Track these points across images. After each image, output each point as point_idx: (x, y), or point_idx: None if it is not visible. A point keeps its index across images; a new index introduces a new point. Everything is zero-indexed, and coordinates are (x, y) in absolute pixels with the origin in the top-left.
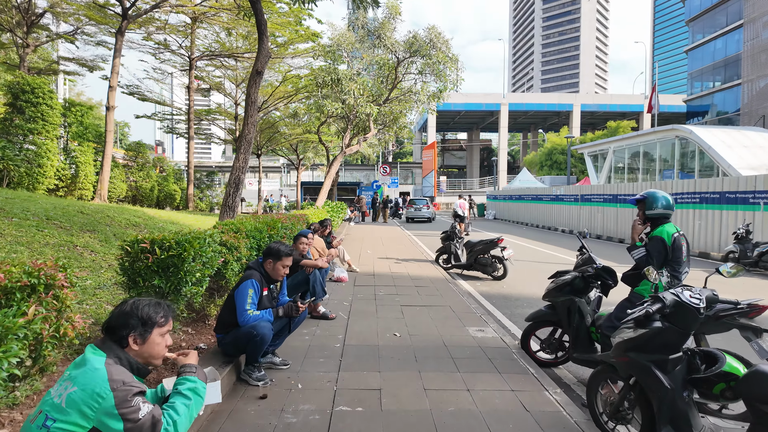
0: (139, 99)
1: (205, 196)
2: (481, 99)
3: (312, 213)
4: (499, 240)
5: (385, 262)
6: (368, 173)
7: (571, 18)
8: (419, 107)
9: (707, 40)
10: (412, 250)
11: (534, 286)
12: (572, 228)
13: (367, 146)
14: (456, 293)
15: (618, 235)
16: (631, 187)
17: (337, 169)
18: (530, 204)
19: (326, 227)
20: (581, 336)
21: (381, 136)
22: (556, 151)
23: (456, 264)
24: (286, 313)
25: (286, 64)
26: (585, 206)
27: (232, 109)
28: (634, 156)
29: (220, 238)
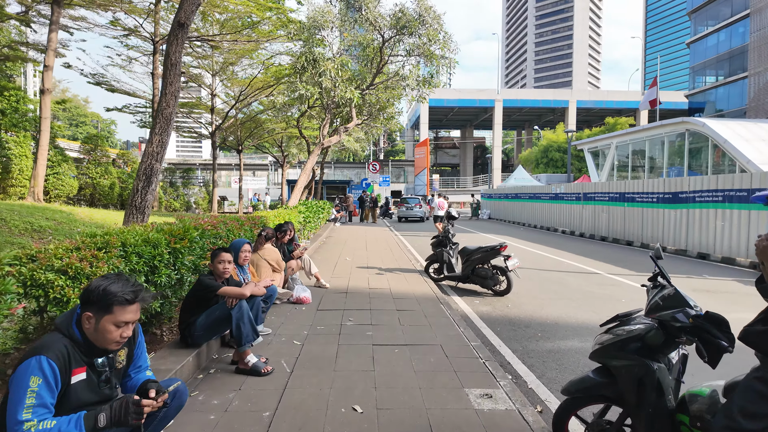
0: (107, 90)
1: (181, 195)
2: (474, 95)
3: (276, 215)
4: (502, 247)
5: (364, 273)
6: (359, 171)
7: (564, 16)
8: (409, 94)
9: (710, 32)
10: (399, 257)
11: (545, 304)
12: (574, 229)
13: (354, 141)
14: (449, 320)
15: (626, 237)
16: (640, 185)
17: (314, 164)
18: (527, 203)
19: (285, 233)
20: (658, 425)
21: (368, 129)
22: (552, 149)
23: (449, 275)
24: (116, 420)
25: (267, 51)
26: (588, 205)
27: (212, 102)
28: (639, 152)
29: (54, 264)
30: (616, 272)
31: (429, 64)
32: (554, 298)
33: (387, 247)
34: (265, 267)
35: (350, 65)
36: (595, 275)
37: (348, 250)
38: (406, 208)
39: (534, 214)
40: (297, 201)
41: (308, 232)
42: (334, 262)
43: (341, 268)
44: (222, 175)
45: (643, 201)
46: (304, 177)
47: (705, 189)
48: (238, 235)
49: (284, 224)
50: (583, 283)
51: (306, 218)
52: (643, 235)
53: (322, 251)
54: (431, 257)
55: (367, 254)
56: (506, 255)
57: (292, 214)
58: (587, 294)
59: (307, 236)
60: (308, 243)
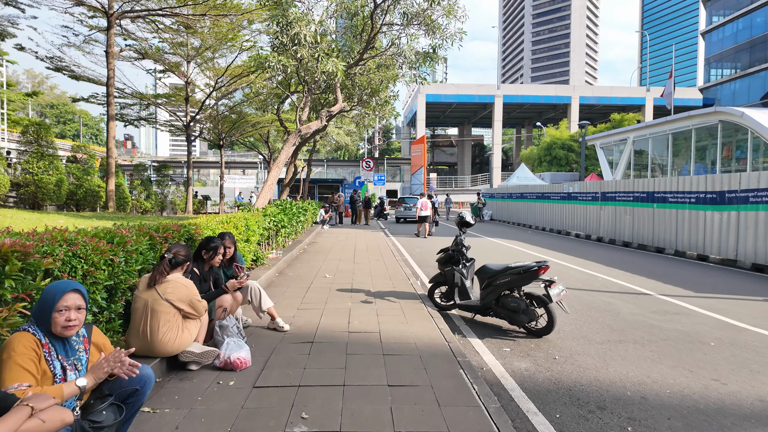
0: (70, 77)
1: (152, 194)
2: (474, 90)
3: (223, 221)
4: (542, 269)
5: (346, 299)
6: (353, 170)
7: (561, 15)
8: (406, 74)
9: (728, 20)
10: (395, 272)
11: (608, 352)
12: (590, 232)
13: (344, 134)
14: (477, 404)
15: (655, 243)
16: (674, 182)
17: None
18: (534, 203)
19: (214, 251)
20: None
21: (359, 120)
22: (556, 146)
23: (462, 303)
24: None
25: (249, 35)
26: (607, 206)
27: (187, 90)
28: (660, 146)
29: None
30: (669, 292)
31: (431, 35)
32: (615, 340)
33: (380, 258)
34: (166, 314)
35: (335, 36)
36: (645, 297)
37: (330, 263)
38: (404, 208)
39: (542, 215)
40: (266, 201)
41: (284, 239)
42: (309, 281)
43: (315, 294)
44: (210, 173)
45: (677, 201)
46: (276, 172)
47: (763, 188)
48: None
49: (214, 238)
50: (638, 310)
51: (278, 223)
52: (678, 241)
53: (297, 265)
54: (437, 278)
55: (353, 268)
56: (547, 279)
57: (251, 220)
58: (654, 331)
59: (283, 243)
60: (278, 255)
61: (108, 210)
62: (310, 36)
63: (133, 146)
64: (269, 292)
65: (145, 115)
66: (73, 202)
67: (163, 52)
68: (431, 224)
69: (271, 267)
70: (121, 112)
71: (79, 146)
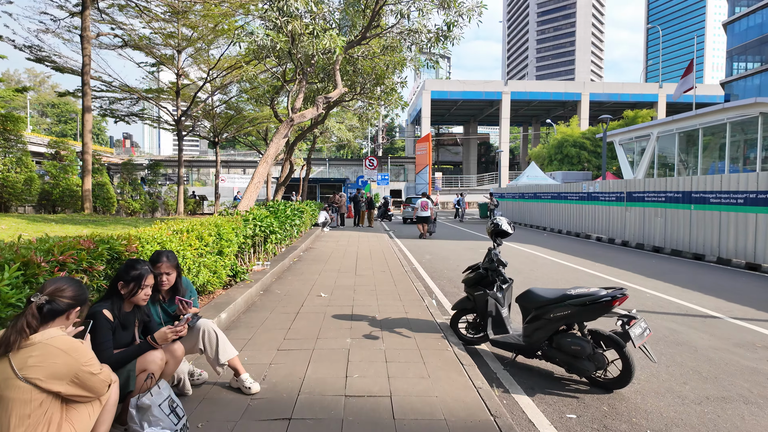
0: (53, 68)
1: (142, 194)
2: (480, 87)
3: (176, 232)
4: (617, 299)
5: (344, 333)
6: (356, 169)
7: (566, 13)
8: (415, 58)
9: (752, 10)
10: (405, 289)
11: (719, 425)
12: (613, 236)
13: (346, 129)
14: None
15: (693, 249)
16: (717, 181)
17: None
18: (550, 204)
19: (138, 284)
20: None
21: (362, 113)
22: (567, 144)
23: (499, 338)
24: None
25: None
26: (634, 207)
27: (177, 83)
28: (689, 143)
29: None
30: (739, 313)
31: (446, 9)
32: (716, 396)
33: (385, 267)
34: (25, 403)
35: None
36: (715, 321)
37: (328, 275)
38: (412, 208)
39: (559, 217)
40: (251, 202)
41: (274, 246)
42: (299, 302)
43: (305, 323)
44: (210, 173)
45: (721, 202)
46: (263, 168)
47: None
48: None
49: (137, 262)
50: (718, 343)
51: (266, 228)
52: (722, 247)
53: (287, 278)
54: (463, 303)
55: (355, 283)
56: (625, 314)
57: (225, 227)
58: (759, 378)
59: (273, 251)
60: (266, 266)
61: (83, 212)
62: (302, 3)
63: (132, 145)
64: (246, 319)
65: (137, 111)
66: (48, 203)
67: (150, 42)
68: (431, 224)
69: (254, 283)
70: (111, 107)
71: (57, 142)
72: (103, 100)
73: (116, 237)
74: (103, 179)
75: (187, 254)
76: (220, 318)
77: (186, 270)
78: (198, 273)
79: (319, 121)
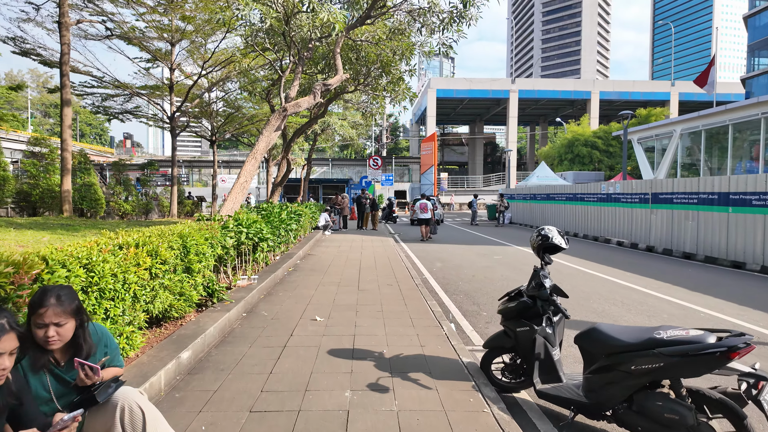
0: (40, 62)
1: (134, 194)
2: (487, 85)
3: (127, 243)
4: (737, 351)
5: (342, 380)
6: (360, 169)
7: (572, 12)
8: (426, 43)
9: None
10: (418, 307)
11: None
12: (637, 240)
13: (349, 126)
14: None
15: (730, 256)
16: (762, 180)
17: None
18: (564, 206)
19: None
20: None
21: (366, 107)
22: (578, 143)
23: (550, 390)
24: None
25: None
26: (660, 210)
27: (171, 77)
28: (717, 140)
29: None
30: None
31: None
32: None
33: (393, 280)
34: None
35: None
36: None
37: (325, 292)
38: None
39: (574, 219)
40: (237, 205)
41: (266, 255)
42: (288, 329)
43: (292, 361)
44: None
45: (766, 205)
46: (251, 165)
47: None
48: None
49: None
50: None
51: (256, 235)
52: (767, 255)
53: (278, 294)
54: (499, 340)
55: (357, 300)
56: (751, 372)
57: (194, 237)
58: None
59: (265, 260)
60: (253, 280)
61: (63, 214)
62: None
63: (132, 145)
64: (218, 357)
65: (131, 108)
66: (28, 205)
67: (143, 34)
68: (432, 226)
69: (235, 304)
70: (103, 104)
71: (38, 138)
72: (95, 97)
73: (4, 257)
74: (90, 179)
75: (131, 277)
76: (180, 359)
77: (129, 298)
78: (154, 298)
79: (319, 115)
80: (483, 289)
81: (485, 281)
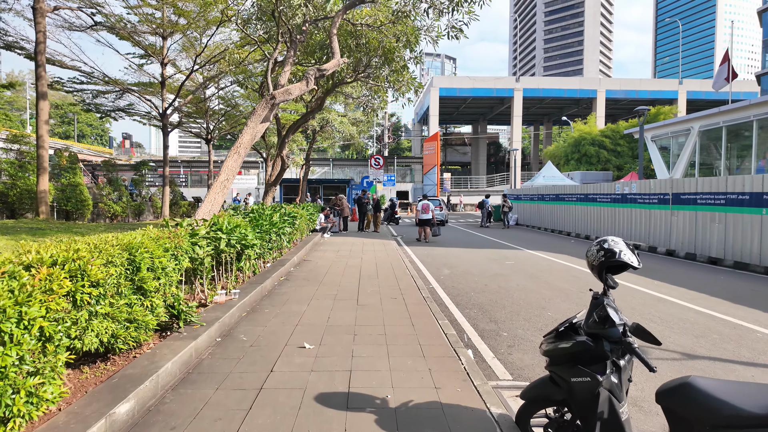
0: (24, 56)
1: (124, 195)
2: (491, 83)
3: (39, 261)
4: None
5: None
6: (361, 169)
7: (574, 12)
8: (433, 27)
9: None
10: (427, 332)
11: None
12: (655, 243)
13: (349, 123)
14: None
15: (764, 261)
16: None
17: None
18: (575, 207)
19: None
20: None
21: (367, 101)
22: (585, 142)
23: None
24: None
25: None
26: (683, 211)
27: (163, 72)
28: (738, 137)
29: None
30: None
31: None
32: None
33: (397, 293)
34: None
35: None
36: None
37: (318, 309)
38: None
39: (586, 221)
40: (216, 207)
41: (253, 263)
42: (266, 367)
43: (264, 421)
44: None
45: None
46: (233, 161)
47: None
48: None
49: None
50: None
51: (239, 241)
52: None
53: (262, 312)
54: (543, 389)
55: (355, 322)
56: None
57: (150, 249)
58: None
59: (253, 269)
60: (233, 295)
61: (39, 216)
62: None
63: (132, 145)
64: (171, 406)
65: (123, 106)
66: (5, 206)
67: (133, 26)
68: (435, 228)
69: (206, 327)
70: (94, 101)
71: (16, 135)
72: (86, 94)
73: None
74: (76, 179)
75: (34, 311)
76: (113, 417)
77: (31, 340)
78: (84, 332)
79: (316, 109)
80: (499, 301)
81: (500, 292)
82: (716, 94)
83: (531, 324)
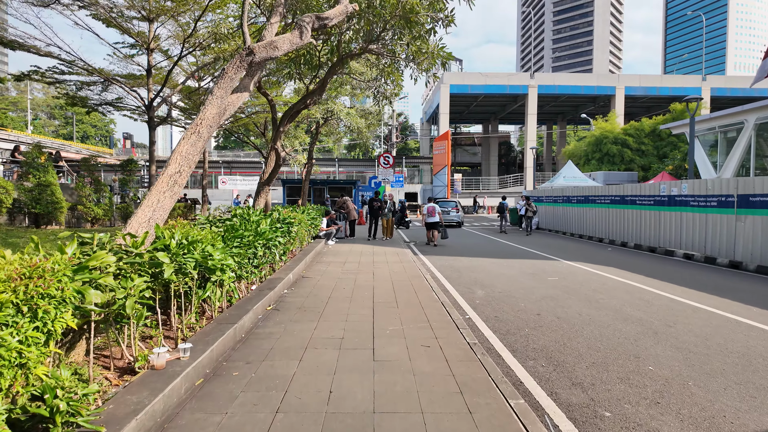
0: (6, 45)
1: (108, 196)
2: (504, 80)
3: None
4: None
5: None
6: (368, 170)
7: (583, 12)
8: None
9: None
10: (490, 420)
11: None
12: (714, 253)
13: (357, 115)
14: None
15: None
16: None
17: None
18: (608, 210)
19: None
20: None
21: (377, 88)
22: (607, 141)
23: None
24: None
25: None
26: (753, 216)
27: (149, 58)
28: None
29: None
30: None
31: None
32: None
33: (428, 335)
34: None
35: None
36: None
37: (313, 374)
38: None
39: (621, 226)
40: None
41: (237, 284)
42: None
43: None
44: (213, 174)
45: None
46: (192, 144)
47: None
48: None
49: None
50: None
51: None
52: None
53: (224, 383)
54: None
55: (372, 402)
56: None
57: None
58: None
59: (228, 298)
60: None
61: None
62: None
63: (133, 145)
64: None
65: (111, 99)
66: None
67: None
68: (442, 230)
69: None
70: (79, 94)
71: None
72: (69, 86)
73: None
74: (48, 179)
75: None
76: None
77: None
78: None
79: (317, 90)
80: (568, 344)
81: (562, 327)
82: (742, 91)
83: (634, 390)
